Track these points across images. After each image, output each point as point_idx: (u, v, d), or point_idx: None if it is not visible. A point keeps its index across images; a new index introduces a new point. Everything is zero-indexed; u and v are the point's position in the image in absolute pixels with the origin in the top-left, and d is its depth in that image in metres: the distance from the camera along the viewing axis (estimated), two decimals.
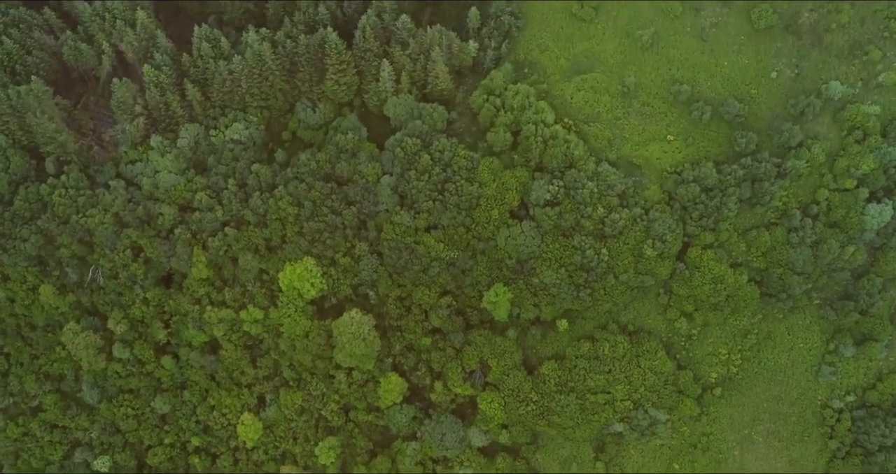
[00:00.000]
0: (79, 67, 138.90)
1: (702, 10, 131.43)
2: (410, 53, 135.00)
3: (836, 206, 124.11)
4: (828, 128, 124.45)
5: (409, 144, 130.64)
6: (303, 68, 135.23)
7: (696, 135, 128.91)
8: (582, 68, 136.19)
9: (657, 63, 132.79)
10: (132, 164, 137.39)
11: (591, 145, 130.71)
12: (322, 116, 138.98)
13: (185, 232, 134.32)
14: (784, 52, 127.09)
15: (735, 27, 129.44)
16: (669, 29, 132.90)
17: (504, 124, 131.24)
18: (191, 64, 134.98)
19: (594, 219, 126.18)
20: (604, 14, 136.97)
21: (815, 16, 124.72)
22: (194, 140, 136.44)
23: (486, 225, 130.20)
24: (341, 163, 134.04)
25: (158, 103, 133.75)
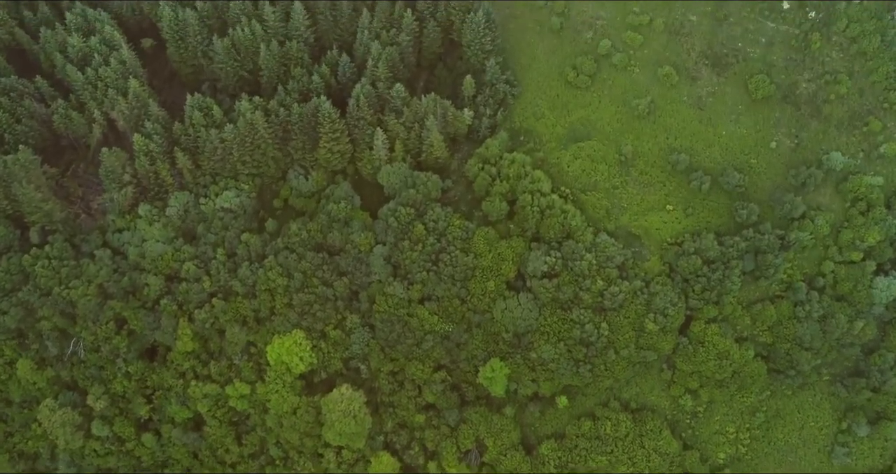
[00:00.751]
0: (69, 135, 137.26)
1: (698, 79, 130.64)
2: (404, 122, 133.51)
3: (842, 279, 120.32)
4: (831, 199, 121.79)
5: (403, 214, 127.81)
6: (296, 136, 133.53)
7: (696, 206, 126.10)
8: (578, 136, 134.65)
9: (654, 132, 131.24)
10: (119, 233, 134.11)
11: (589, 215, 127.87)
12: (315, 184, 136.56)
13: (170, 303, 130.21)
14: (783, 122, 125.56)
15: (732, 97, 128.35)
16: (666, 98, 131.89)
17: (500, 193, 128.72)
18: (182, 132, 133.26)
19: (593, 291, 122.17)
20: (599, 82, 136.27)
21: (812, 86, 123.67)
22: (183, 208, 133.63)
23: (482, 297, 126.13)
24: (333, 232, 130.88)
25: (148, 172, 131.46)
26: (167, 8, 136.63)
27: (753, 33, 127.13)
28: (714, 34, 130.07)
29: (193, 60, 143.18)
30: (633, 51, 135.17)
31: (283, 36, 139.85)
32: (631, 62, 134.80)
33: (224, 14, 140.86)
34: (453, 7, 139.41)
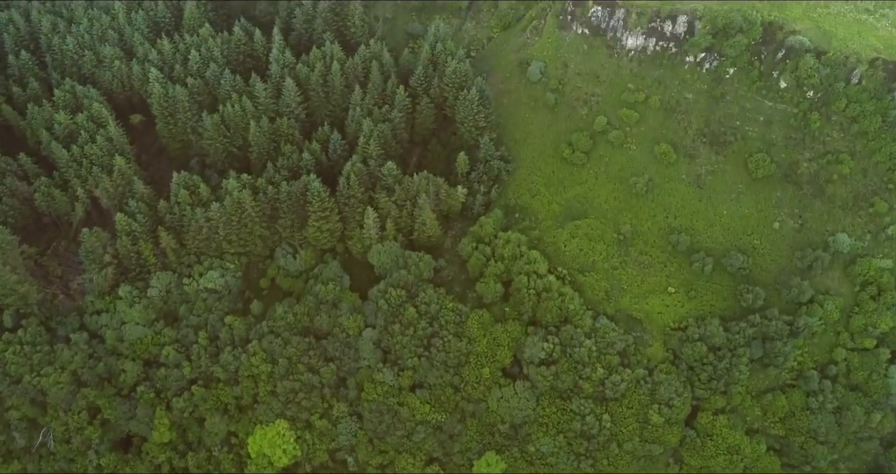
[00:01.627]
0: (51, 213, 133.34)
1: (697, 157, 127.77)
2: (396, 200, 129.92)
3: (856, 368, 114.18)
4: (839, 282, 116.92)
5: (394, 295, 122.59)
6: (284, 214, 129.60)
7: (699, 288, 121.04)
8: (575, 214, 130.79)
9: (653, 210, 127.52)
10: (97, 315, 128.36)
11: (588, 297, 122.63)
12: (303, 263, 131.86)
13: (148, 390, 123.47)
14: (785, 201, 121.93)
15: (732, 175, 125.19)
16: (664, 175, 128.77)
17: (494, 274, 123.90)
18: (167, 210, 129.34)
19: (593, 380, 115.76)
20: (595, 159, 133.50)
21: (814, 166, 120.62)
22: (166, 289, 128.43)
23: (477, 385, 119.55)
24: (321, 315, 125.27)
25: (130, 252, 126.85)
26: (157, 85, 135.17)
27: (751, 112, 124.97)
28: (711, 112, 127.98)
29: (182, 136, 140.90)
30: (629, 128, 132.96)
31: (274, 112, 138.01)
32: (627, 139, 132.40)
33: (215, 90, 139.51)
34: (446, 84, 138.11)
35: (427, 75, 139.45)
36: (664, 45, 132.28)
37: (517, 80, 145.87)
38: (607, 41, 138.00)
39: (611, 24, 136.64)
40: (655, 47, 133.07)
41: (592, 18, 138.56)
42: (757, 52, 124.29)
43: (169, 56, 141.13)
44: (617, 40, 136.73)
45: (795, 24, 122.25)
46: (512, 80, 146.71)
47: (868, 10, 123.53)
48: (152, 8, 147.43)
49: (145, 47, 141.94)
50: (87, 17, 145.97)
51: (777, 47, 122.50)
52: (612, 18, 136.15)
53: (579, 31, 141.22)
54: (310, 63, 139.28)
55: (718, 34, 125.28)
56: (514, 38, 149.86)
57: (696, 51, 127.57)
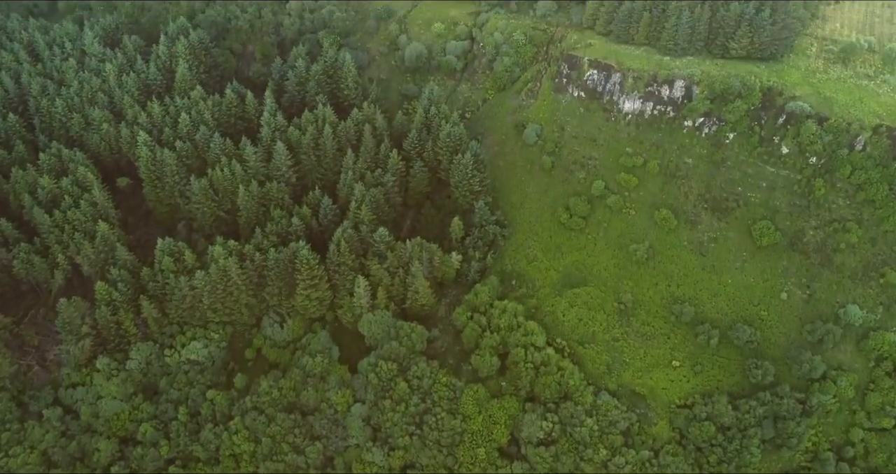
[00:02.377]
0: (30, 280, 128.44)
1: (698, 223, 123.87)
2: (388, 267, 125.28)
3: (874, 450, 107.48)
4: (852, 357, 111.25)
5: (384, 369, 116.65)
6: (272, 282, 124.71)
7: (705, 362, 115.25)
8: (574, 281, 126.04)
9: (655, 278, 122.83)
10: (73, 389, 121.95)
11: (588, 371, 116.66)
12: (290, 333, 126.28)
13: (123, 471, 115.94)
14: (792, 271, 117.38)
15: (736, 243, 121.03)
16: (665, 242, 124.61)
17: (490, 346, 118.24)
18: (150, 278, 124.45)
19: (596, 462, 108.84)
20: (594, 224, 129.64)
21: (820, 234, 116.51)
22: (146, 361, 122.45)
23: (472, 466, 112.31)
24: (307, 389, 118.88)
25: (109, 322, 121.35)
26: (145, 148, 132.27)
27: (753, 177, 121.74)
28: (712, 177, 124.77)
29: (170, 200, 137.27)
30: (627, 192, 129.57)
31: (264, 176, 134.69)
32: (626, 204, 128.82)
33: (204, 153, 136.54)
34: (440, 147, 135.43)
35: (421, 138, 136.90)
36: (662, 109, 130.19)
37: (513, 143, 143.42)
38: (604, 104, 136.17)
39: (607, 87, 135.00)
40: (653, 111, 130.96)
41: (588, 82, 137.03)
42: (757, 118, 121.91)
43: (158, 119, 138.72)
44: (614, 104, 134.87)
45: (795, 90, 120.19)
46: (508, 143, 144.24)
47: (868, 76, 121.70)
48: (143, 70, 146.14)
49: (135, 110, 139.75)
50: (77, 79, 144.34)
51: (777, 113, 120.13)
52: (608, 82, 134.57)
53: (575, 94, 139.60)
54: (301, 126, 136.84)
55: (717, 99, 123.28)
56: (510, 101, 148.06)
57: (695, 115, 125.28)
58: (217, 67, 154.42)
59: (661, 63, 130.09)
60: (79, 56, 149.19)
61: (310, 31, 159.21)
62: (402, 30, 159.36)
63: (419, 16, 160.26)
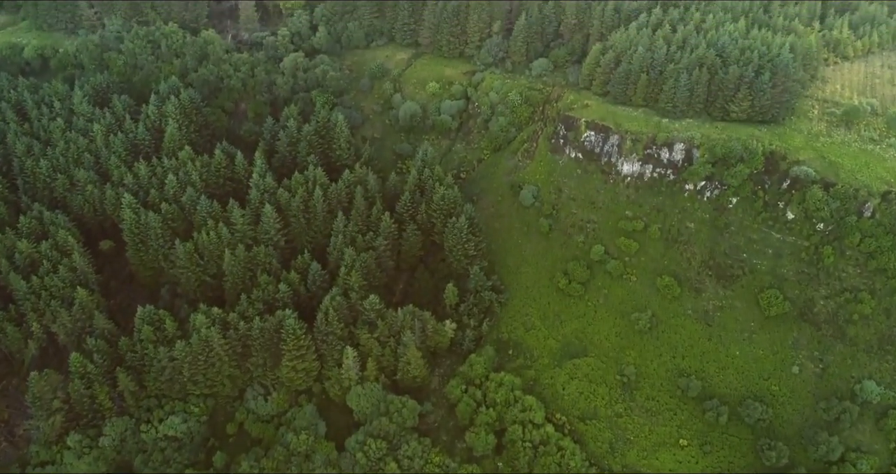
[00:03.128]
0: (2, 349, 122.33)
1: (703, 291, 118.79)
2: (379, 336, 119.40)
3: None
4: (871, 437, 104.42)
5: (373, 448, 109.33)
6: (256, 352, 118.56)
7: (714, 441, 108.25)
8: (574, 351, 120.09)
9: (659, 349, 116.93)
10: (41, 467, 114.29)
11: (590, 450, 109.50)
12: (275, 406, 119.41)
13: None
14: (803, 343, 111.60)
15: (743, 312, 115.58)
16: (668, 311, 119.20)
17: (486, 423, 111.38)
18: (128, 348, 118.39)
19: None
20: (594, 291, 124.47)
21: (831, 304, 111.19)
22: (120, 437, 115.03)
23: None
24: (291, 468, 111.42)
25: (83, 397, 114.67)
26: (129, 211, 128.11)
27: (758, 243, 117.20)
28: (715, 243, 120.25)
29: (154, 264, 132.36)
30: (628, 257, 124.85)
31: (252, 239, 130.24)
32: (627, 270, 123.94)
33: (191, 216, 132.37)
34: (434, 210, 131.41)
35: (414, 201, 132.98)
36: (662, 172, 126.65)
37: (509, 204, 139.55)
38: (602, 166, 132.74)
39: (605, 149, 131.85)
40: (653, 174, 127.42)
41: (586, 143, 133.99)
42: (760, 182, 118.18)
43: (145, 180, 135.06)
44: (612, 166, 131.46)
45: (799, 154, 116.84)
46: (504, 204, 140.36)
47: (873, 140, 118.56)
48: (132, 130, 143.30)
49: (121, 171, 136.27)
50: (64, 139, 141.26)
51: (781, 177, 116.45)
52: (606, 144, 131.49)
53: (572, 155, 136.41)
54: (291, 188, 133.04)
55: (718, 163, 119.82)
56: (506, 161, 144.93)
57: (696, 179, 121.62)
58: (208, 126, 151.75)
59: (659, 125, 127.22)
60: (67, 115, 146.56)
61: (303, 90, 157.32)
62: (396, 89, 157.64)
63: (414, 75, 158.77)
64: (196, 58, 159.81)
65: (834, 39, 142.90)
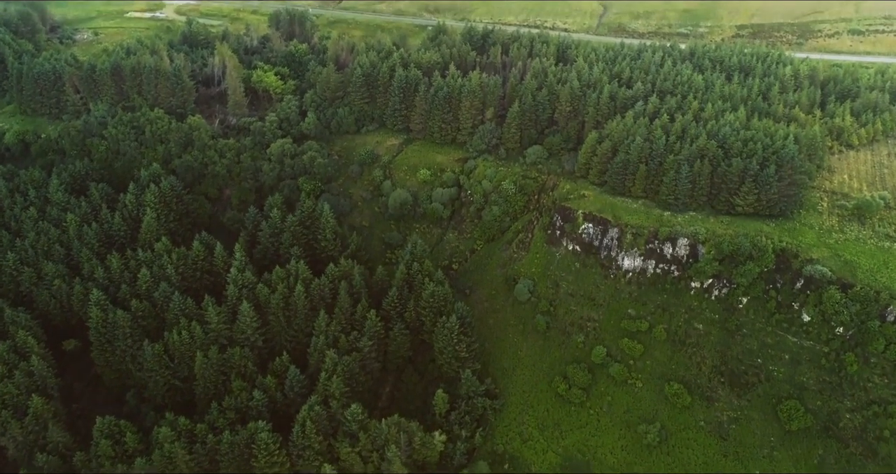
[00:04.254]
0: None
1: (715, 400, 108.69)
2: (361, 450, 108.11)
3: None
4: None
5: None
6: (225, 468, 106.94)
7: None
8: (576, 466, 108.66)
9: (670, 466, 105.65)
10: None
11: None
12: None
13: None
14: (829, 462, 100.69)
15: (761, 425, 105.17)
16: (679, 422, 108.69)
17: None
18: (83, 464, 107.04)
19: None
20: (596, 397, 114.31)
21: (858, 418, 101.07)
22: None
23: None
24: None
25: None
26: (96, 309, 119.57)
27: (774, 348, 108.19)
28: (727, 346, 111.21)
29: (120, 365, 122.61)
30: (632, 361, 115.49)
31: (227, 339, 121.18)
32: (632, 375, 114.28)
33: (163, 313, 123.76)
34: (423, 307, 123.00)
35: (402, 297, 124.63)
36: (665, 268, 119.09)
37: (504, 299, 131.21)
38: (601, 260, 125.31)
39: (604, 242, 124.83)
40: (656, 269, 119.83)
41: (584, 235, 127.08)
42: (772, 281, 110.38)
43: (116, 274, 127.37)
44: (612, 260, 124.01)
45: (811, 252, 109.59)
46: (498, 299, 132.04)
47: (889, 237, 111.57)
48: (108, 220, 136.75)
49: (92, 263, 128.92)
50: (35, 230, 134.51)
51: (794, 277, 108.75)
52: (605, 237, 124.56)
53: (570, 248, 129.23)
54: (272, 283, 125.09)
55: (726, 260, 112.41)
56: (500, 252, 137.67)
57: (703, 277, 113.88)
58: (189, 215, 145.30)
59: (661, 219, 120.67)
60: (41, 204, 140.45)
61: (290, 177, 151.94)
62: (386, 175, 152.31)
63: (405, 161, 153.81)
64: (181, 144, 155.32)
65: (837, 127, 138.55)
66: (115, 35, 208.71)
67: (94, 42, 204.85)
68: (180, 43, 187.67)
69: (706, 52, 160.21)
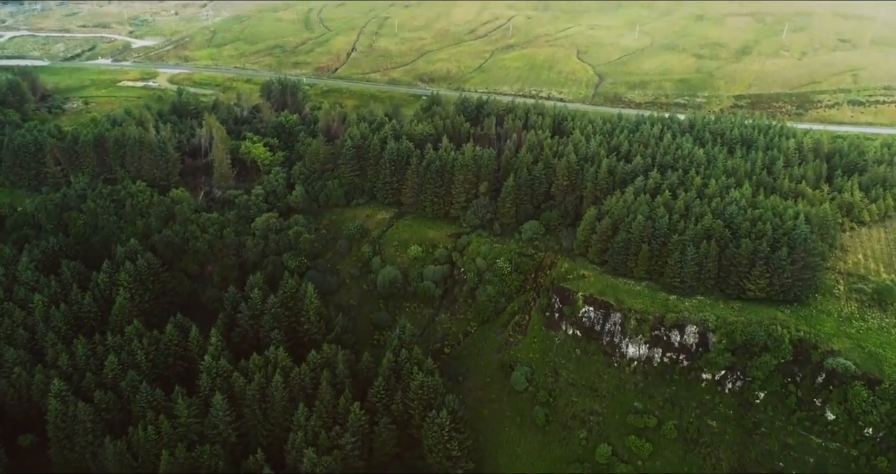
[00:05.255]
0: None
1: None
2: None
3: None
4: None
5: None
6: None
7: None
8: None
9: None
10: None
11: None
12: None
13: None
14: None
15: None
16: None
17: None
18: None
19: None
20: None
21: None
22: None
23: None
24: None
25: None
26: (55, 401, 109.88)
27: (796, 450, 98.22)
28: (744, 447, 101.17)
29: (80, 463, 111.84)
30: (641, 461, 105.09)
31: (198, 434, 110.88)
32: None
33: (129, 404, 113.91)
34: (411, 399, 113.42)
35: (389, 387, 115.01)
36: (673, 357, 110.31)
37: (499, 387, 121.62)
38: (604, 347, 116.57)
39: (606, 327, 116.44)
40: (663, 359, 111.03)
41: (584, 319, 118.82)
42: (790, 374, 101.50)
43: (82, 361, 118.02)
44: (615, 347, 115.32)
45: (832, 343, 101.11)
46: (493, 387, 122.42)
47: None
48: (78, 300, 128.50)
49: (57, 349, 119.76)
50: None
51: (815, 370, 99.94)
52: (607, 321, 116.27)
53: (570, 332, 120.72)
54: (248, 371, 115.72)
55: (739, 350, 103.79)
56: (495, 335, 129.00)
57: (715, 369, 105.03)
58: (166, 293, 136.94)
59: (667, 303, 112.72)
60: (9, 284, 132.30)
61: (274, 253, 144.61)
62: (375, 251, 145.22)
63: (395, 236, 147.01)
64: (162, 218, 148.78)
65: (846, 203, 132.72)
66: (105, 104, 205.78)
67: (83, 111, 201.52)
68: (169, 113, 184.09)
69: (706, 124, 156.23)
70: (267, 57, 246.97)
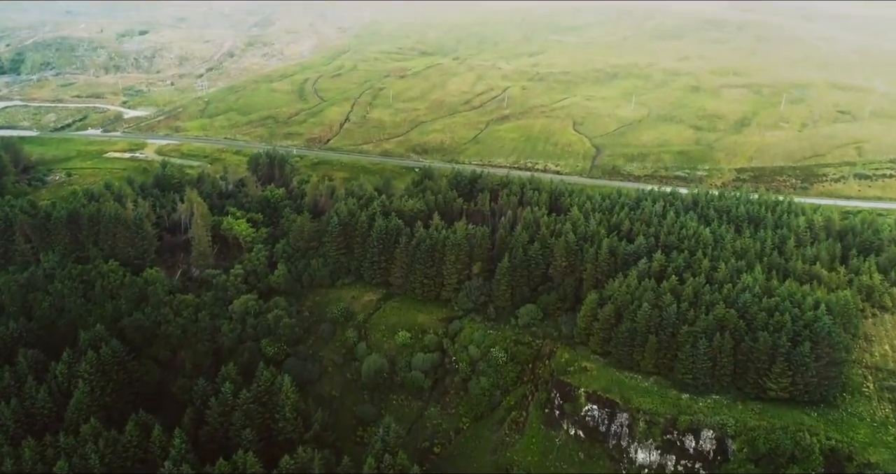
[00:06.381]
0: None
1: None
2: None
3: None
4: None
5: None
6: None
7: None
8: None
9: None
10: None
11: None
12: None
13: None
14: None
15: None
16: None
17: None
18: None
19: None
20: None
21: None
22: None
23: None
24: None
25: None
26: None
27: None
28: None
29: None
30: None
31: None
32: None
33: None
34: None
35: None
36: (688, 466, 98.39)
37: None
38: (610, 451, 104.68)
39: (612, 428, 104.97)
40: (677, 467, 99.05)
41: (587, 418, 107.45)
42: None
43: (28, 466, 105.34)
44: (623, 451, 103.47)
45: (868, 454, 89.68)
46: None
47: None
48: (31, 395, 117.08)
49: (2, 452, 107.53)
50: None
51: None
52: (613, 422, 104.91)
53: (572, 432, 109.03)
54: None
55: (762, 461, 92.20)
56: (490, 433, 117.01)
57: None
58: (132, 385, 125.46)
59: (679, 403, 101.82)
60: None
61: (252, 339, 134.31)
62: (361, 336, 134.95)
63: (382, 320, 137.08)
64: (133, 300, 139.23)
65: (865, 286, 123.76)
66: (89, 176, 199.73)
67: (65, 183, 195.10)
68: (152, 186, 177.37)
69: (710, 200, 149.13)
70: (259, 127, 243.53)
